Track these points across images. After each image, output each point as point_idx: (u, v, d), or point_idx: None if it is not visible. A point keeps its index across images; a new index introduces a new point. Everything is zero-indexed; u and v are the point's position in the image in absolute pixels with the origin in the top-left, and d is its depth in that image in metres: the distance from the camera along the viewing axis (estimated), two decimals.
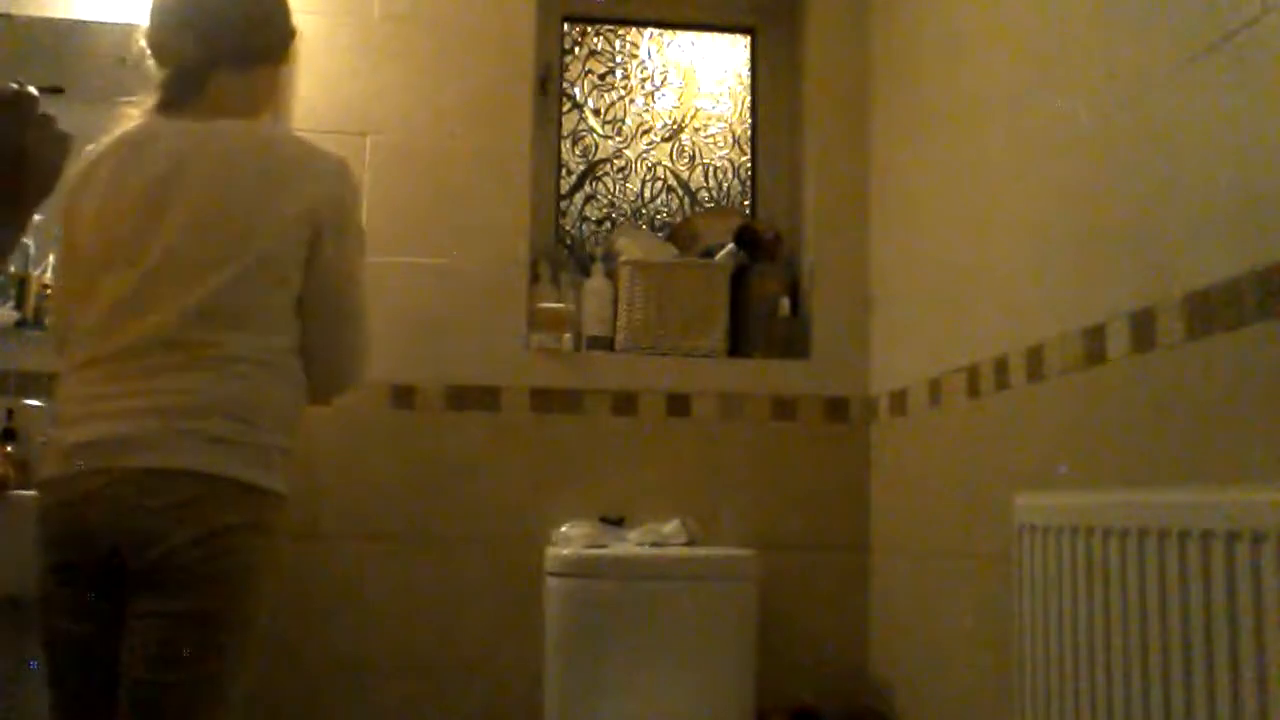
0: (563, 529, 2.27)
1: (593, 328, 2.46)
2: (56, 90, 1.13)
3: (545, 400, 2.39)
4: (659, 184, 2.74)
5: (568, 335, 2.41)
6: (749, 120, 2.76)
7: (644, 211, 2.73)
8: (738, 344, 2.50)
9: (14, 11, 2.33)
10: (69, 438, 1.44)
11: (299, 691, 2.25)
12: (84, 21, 2.36)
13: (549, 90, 2.64)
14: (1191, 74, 1.35)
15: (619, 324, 2.46)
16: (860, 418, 2.45)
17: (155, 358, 1.44)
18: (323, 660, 2.26)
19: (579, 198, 2.71)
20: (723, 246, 2.51)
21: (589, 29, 2.75)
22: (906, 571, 2.23)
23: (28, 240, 2.20)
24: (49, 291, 2.17)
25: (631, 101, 2.75)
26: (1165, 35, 1.41)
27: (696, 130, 2.76)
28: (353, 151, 2.40)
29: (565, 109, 2.71)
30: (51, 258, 2.17)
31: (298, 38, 1.71)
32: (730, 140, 2.76)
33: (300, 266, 1.53)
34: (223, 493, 1.42)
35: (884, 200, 2.44)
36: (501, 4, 2.49)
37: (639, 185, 2.73)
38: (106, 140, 1.57)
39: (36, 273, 2.27)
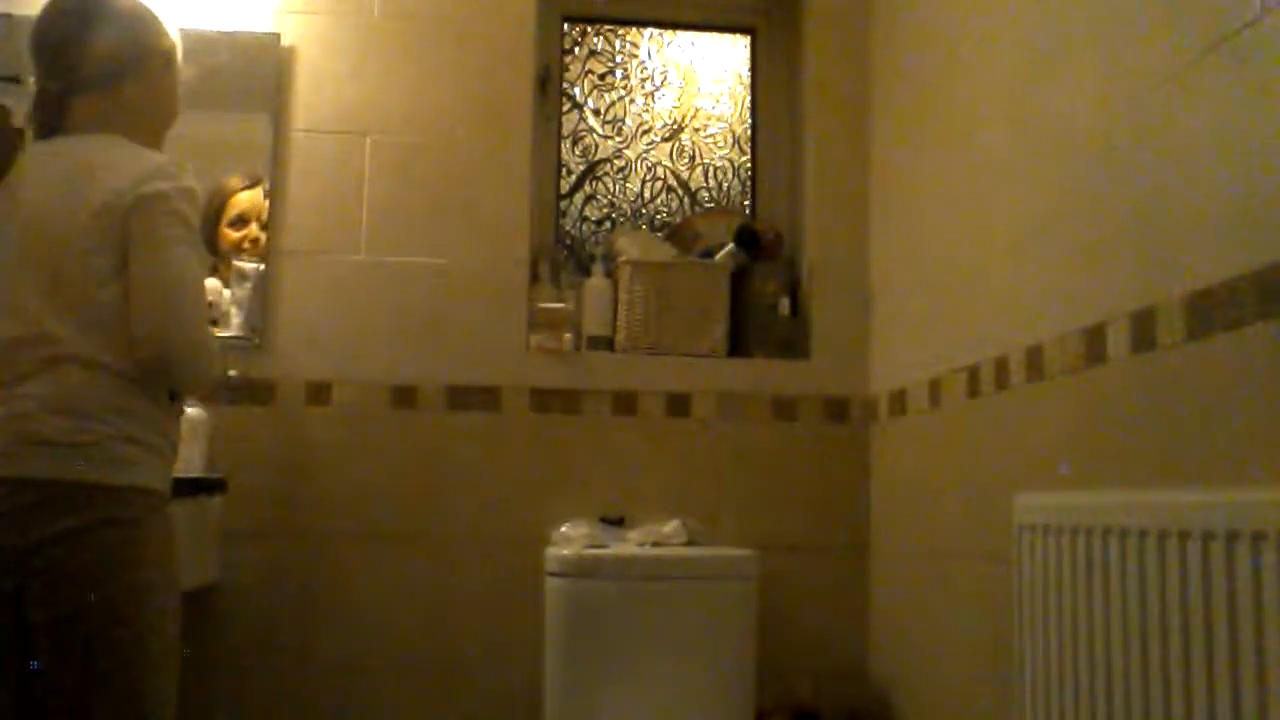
0: (562, 529, 2.27)
1: (593, 328, 2.46)
2: (12, 80, 1.13)
3: (545, 400, 2.39)
4: (659, 184, 2.74)
5: (568, 335, 2.41)
6: (749, 120, 2.76)
7: (644, 211, 2.73)
8: (738, 344, 2.50)
9: (14, 11, 2.32)
10: None
11: (298, 691, 2.25)
12: None
13: (549, 90, 2.64)
14: (1191, 74, 1.35)
15: (619, 324, 2.46)
16: (860, 418, 2.46)
17: (9, 370, 1.48)
18: (322, 660, 2.26)
19: (579, 198, 2.71)
20: (723, 246, 2.51)
21: (589, 29, 2.75)
22: (906, 571, 2.23)
23: None
24: None
25: (631, 101, 2.75)
26: (1165, 35, 1.41)
27: (696, 130, 2.76)
28: (353, 151, 2.41)
29: (565, 109, 2.71)
30: None
31: (170, 50, 1.69)
32: (730, 140, 2.76)
33: (117, 263, 1.51)
34: (56, 497, 1.42)
35: (884, 200, 2.44)
36: (501, 4, 2.49)
37: (639, 185, 2.73)
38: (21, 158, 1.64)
39: None
